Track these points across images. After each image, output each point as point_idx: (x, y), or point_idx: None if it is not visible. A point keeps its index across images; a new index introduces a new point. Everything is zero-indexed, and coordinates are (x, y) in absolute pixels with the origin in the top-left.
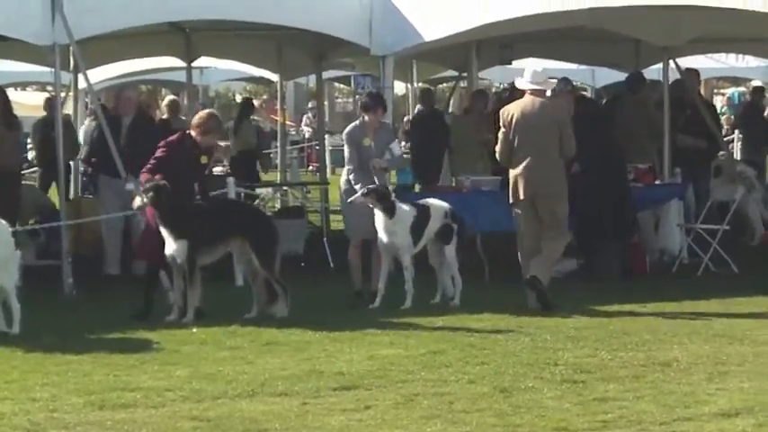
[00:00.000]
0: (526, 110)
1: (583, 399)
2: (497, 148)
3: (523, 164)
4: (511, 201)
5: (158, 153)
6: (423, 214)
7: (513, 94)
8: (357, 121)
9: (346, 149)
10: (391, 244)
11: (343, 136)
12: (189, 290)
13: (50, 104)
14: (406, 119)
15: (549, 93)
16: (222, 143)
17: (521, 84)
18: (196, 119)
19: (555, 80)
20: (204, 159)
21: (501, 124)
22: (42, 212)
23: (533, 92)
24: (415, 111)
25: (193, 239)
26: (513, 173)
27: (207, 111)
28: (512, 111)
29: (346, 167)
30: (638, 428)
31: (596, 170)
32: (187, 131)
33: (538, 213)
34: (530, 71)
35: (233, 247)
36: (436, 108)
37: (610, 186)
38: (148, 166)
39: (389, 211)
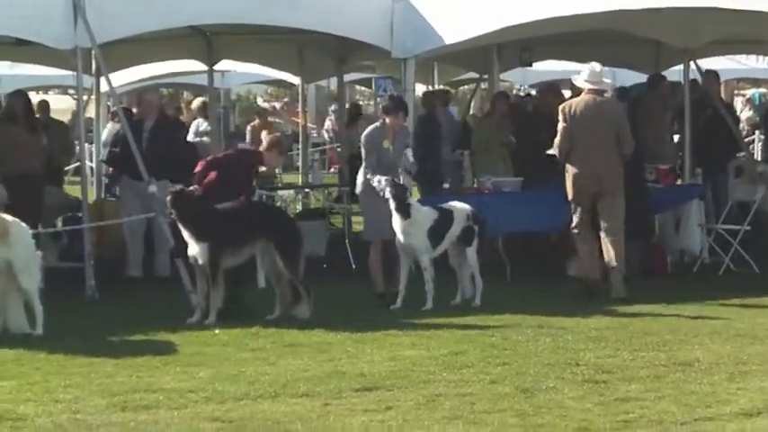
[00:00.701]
0: (588, 106)
1: (604, 399)
2: (556, 142)
3: (584, 162)
4: (570, 197)
5: (230, 151)
6: (445, 218)
7: (574, 90)
8: (377, 123)
9: (364, 152)
10: (408, 245)
11: (362, 138)
12: (211, 291)
13: (41, 107)
14: None
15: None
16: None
17: (578, 82)
18: (273, 139)
19: (610, 81)
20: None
21: (562, 119)
22: (71, 210)
23: (591, 90)
24: (417, 114)
25: (215, 241)
26: (572, 170)
27: (278, 134)
28: (574, 106)
29: (362, 170)
30: (660, 428)
31: None
32: (257, 150)
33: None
34: (587, 70)
35: (257, 249)
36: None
37: (627, 187)
38: (210, 158)
39: (403, 212)
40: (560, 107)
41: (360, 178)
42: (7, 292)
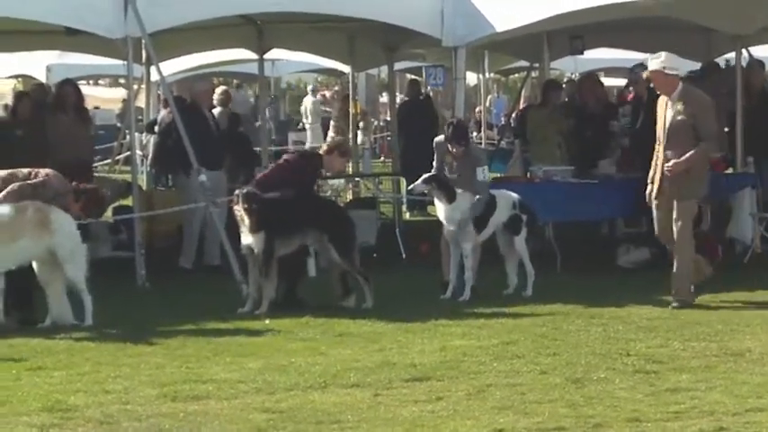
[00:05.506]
0: None
1: (655, 389)
2: None
3: None
4: None
5: (290, 157)
6: (488, 204)
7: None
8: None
9: (435, 156)
10: (454, 231)
11: (434, 143)
12: (264, 281)
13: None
14: (477, 109)
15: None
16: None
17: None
18: (334, 142)
19: None
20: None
21: None
22: (121, 195)
23: None
24: (400, 100)
25: (271, 231)
26: None
27: (340, 138)
28: None
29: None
30: (711, 419)
31: None
32: (318, 154)
33: None
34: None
35: (309, 240)
36: (422, 98)
37: None
38: (273, 167)
39: (449, 198)
40: None
41: None
42: (52, 283)
